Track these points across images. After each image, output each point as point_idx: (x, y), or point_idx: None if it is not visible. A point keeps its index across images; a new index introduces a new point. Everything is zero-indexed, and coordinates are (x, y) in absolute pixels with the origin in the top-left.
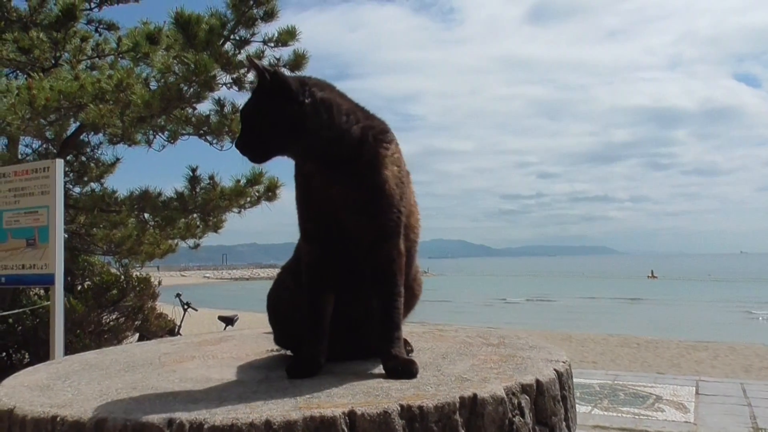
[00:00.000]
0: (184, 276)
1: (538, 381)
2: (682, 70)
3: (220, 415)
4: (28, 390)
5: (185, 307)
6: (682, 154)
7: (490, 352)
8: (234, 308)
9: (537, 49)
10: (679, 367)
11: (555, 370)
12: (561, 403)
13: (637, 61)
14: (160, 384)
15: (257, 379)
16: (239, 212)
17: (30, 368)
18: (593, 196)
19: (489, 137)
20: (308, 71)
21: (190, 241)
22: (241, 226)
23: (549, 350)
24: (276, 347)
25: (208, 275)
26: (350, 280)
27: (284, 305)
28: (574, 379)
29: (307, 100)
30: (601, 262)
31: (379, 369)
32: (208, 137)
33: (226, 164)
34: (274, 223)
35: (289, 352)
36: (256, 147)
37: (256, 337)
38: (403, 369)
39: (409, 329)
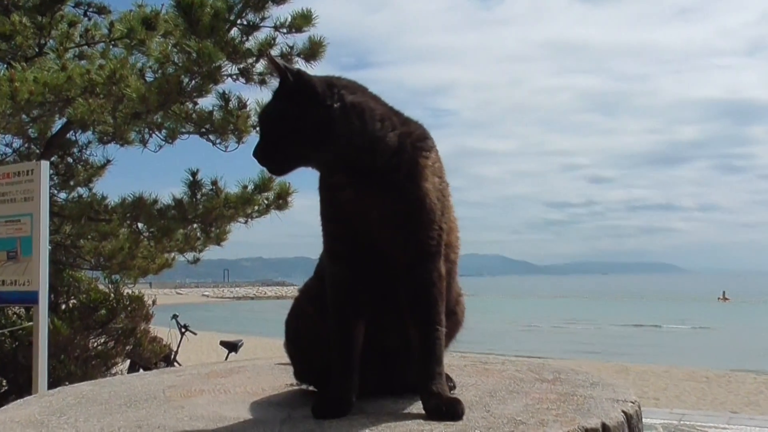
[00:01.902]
0: (179, 294)
1: (604, 425)
2: (764, 56)
3: None
4: (20, 427)
5: (182, 330)
6: (760, 154)
7: (545, 390)
8: (238, 332)
9: (590, 31)
10: (757, 406)
11: (623, 411)
12: None
13: (710, 45)
14: (167, 422)
15: (279, 419)
16: (245, 222)
17: (19, 401)
18: (654, 205)
19: (532, 135)
20: (324, 60)
21: (189, 255)
22: (245, 238)
23: (614, 387)
24: (296, 381)
25: (207, 293)
26: (383, 306)
27: (305, 335)
28: None
29: (335, 104)
30: (663, 282)
31: (418, 408)
32: (210, 136)
33: (232, 167)
34: (284, 235)
35: (311, 388)
36: (277, 156)
37: (271, 368)
38: (447, 409)
39: (447, 361)
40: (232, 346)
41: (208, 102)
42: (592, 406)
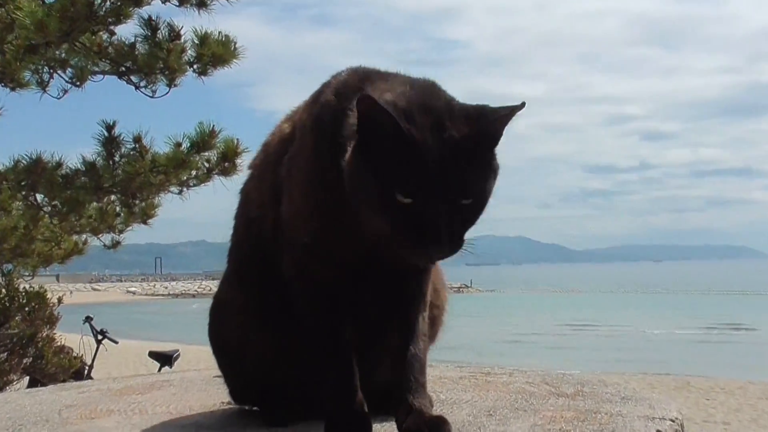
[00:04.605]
0: (97, 290)
1: None
2: None
3: None
4: None
5: (99, 337)
6: None
7: (561, 406)
8: (174, 340)
9: None
10: None
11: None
12: None
13: None
14: None
15: None
16: (180, 193)
17: None
18: (727, 169)
19: (568, 77)
20: None
21: (106, 237)
22: (182, 215)
23: (650, 402)
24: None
25: (133, 289)
26: (363, 313)
27: (239, 339)
28: None
29: None
30: (737, 271)
31: (391, 428)
32: (132, 77)
33: (161, 119)
34: (233, 211)
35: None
36: None
37: (205, 383)
38: (428, 430)
39: (438, 373)
40: (165, 359)
41: (128, 31)
42: (618, 427)
